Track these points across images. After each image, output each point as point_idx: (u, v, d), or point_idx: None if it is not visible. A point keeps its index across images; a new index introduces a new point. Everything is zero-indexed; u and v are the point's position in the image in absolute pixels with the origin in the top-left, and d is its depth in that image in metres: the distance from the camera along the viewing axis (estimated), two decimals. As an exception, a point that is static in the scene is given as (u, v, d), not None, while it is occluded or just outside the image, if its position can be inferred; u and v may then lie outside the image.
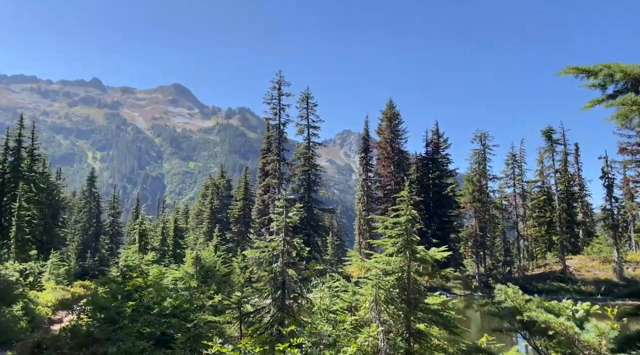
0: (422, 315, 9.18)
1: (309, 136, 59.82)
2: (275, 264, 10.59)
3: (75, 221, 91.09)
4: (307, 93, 60.41)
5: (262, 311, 10.61)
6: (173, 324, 8.76)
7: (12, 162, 42.90)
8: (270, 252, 10.73)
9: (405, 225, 9.77)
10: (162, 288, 10.05)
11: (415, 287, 9.21)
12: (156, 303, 9.15)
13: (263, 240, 11.55)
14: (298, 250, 10.59)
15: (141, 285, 9.36)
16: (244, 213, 60.26)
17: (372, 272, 9.14)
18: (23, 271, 25.80)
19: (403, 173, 58.16)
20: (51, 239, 47.08)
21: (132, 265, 12.73)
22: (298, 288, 10.68)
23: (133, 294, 9.25)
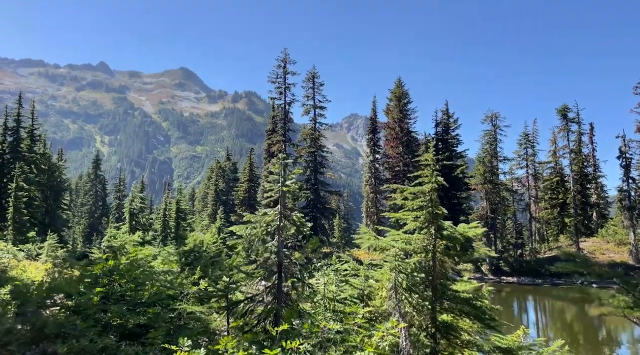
0: (450, 305, 7.75)
1: (315, 116, 58.16)
2: (269, 242, 9.06)
3: (82, 204, 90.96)
4: (313, 72, 58.56)
5: (254, 300, 8.77)
6: (150, 314, 7.55)
7: (11, 142, 41.90)
8: (264, 228, 8.98)
9: (429, 195, 8.32)
10: (145, 272, 8.81)
11: (442, 271, 7.81)
12: (131, 290, 7.94)
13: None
14: (298, 226, 9.15)
15: (112, 268, 8.12)
16: (248, 195, 59.14)
17: (391, 252, 7.68)
18: (15, 254, 24.85)
19: (412, 154, 56.46)
20: (53, 221, 46.30)
21: (116, 246, 11.47)
22: (298, 272, 8.93)
23: (102, 279, 8.03)
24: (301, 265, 8.63)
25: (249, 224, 9.09)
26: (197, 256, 13.84)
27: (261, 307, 8.24)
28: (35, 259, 29.16)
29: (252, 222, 9.11)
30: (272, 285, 8.34)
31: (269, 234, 8.85)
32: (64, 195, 54.22)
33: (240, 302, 8.42)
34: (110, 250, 10.84)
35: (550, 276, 49.79)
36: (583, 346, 25.05)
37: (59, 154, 60.68)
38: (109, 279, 8.12)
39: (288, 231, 8.82)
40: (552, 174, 62.93)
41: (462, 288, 8.00)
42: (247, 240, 8.66)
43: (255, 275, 8.55)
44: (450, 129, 61.34)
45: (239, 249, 8.29)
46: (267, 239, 8.79)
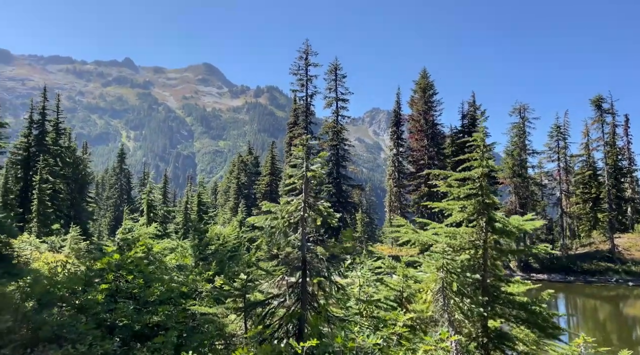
0: (503, 310, 6.70)
1: (337, 109, 57.20)
2: (292, 235, 8.15)
3: (107, 197, 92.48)
4: (335, 64, 57.54)
5: (275, 301, 7.81)
6: (160, 314, 6.85)
7: (37, 135, 42.31)
8: (286, 219, 8.08)
9: (479, 181, 7.30)
10: (156, 268, 8.09)
11: (494, 270, 6.79)
12: (140, 287, 7.25)
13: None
14: (325, 216, 8.23)
15: (119, 263, 7.43)
16: (270, 189, 58.68)
17: (437, 247, 6.67)
18: (38, 246, 24.81)
19: (437, 147, 54.93)
20: (78, 214, 46.73)
21: (131, 238, 10.82)
22: (325, 269, 7.78)
23: (107, 275, 7.35)
24: (329, 261, 7.72)
25: (269, 215, 8.26)
26: (213, 251, 12.99)
27: (283, 309, 7.39)
28: (58, 251, 29.24)
29: (272, 212, 8.27)
30: (295, 285, 7.47)
31: (291, 225, 7.98)
32: (89, 188, 54.81)
33: (259, 304, 7.52)
34: (124, 243, 10.19)
35: (582, 273, 47.83)
36: (618, 346, 23.64)
37: (84, 148, 61.43)
38: (115, 274, 7.45)
39: (313, 223, 7.97)
40: (584, 167, 60.48)
41: (516, 290, 6.93)
42: (267, 233, 7.83)
43: (276, 272, 7.64)
44: (477, 121, 59.41)
45: (259, 243, 7.54)
46: (290, 232, 7.95)
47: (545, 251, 7.20)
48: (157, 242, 12.05)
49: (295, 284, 7.48)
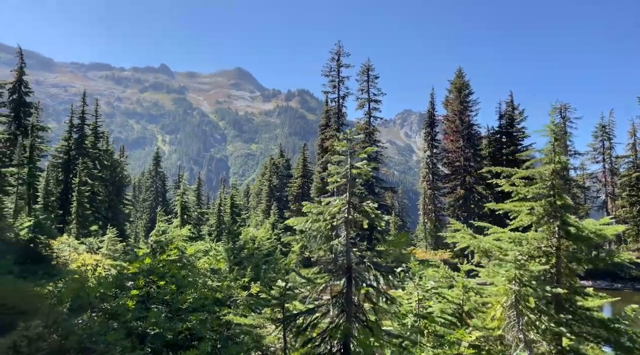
0: (580, 329, 5.87)
1: (369, 110, 56.41)
2: (336, 239, 7.45)
3: (144, 199, 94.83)
4: (367, 64, 56.80)
5: (317, 312, 7.03)
6: (193, 322, 6.45)
7: (77, 139, 43.53)
8: (328, 221, 7.46)
9: (551, 179, 6.49)
10: (188, 272, 7.70)
11: (569, 282, 5.99)
12: (172, 293, 6.86)
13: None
14: (372, 218, 7.63)
15: (151, 267, 7.07)
16: (302, 191, 58.42)
17: (509, 256, 5.87)
18: (76, 247, 25.24)
19: (473, 148, 53.26)
20: (116, 216, 47.80)
21: (164, 240, 10.52)
22: (372, 277, 7.04)
23: (138, 280, 7.00)
24: (377, 269, 7.04)
25: (309, 216, 7.73)
26: (248, 254, 12.47)
27: (325, 321, 6.78)
28: (96, 253, 29.76)
29: (313, 213, 7.73)
30: (339, 294, 6.83)
31: (334, 228, 7.41)
32: (126, 190, 56.06)
33: (299, 315, 6.84)
34: (157, 245, 9.90)
35: (631, 280, 45.11)
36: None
37: (121, 151, 62.97)
38: (146, 280, 7.10)
39: (359, 226, 7.40)
40: (631, 169, 57.29)
41: (591, 304, 6.06)
42: (307, 237, 7.28)
43: (318, 281, 7.05)
44: (515, 122, 57.27)
45: (295, 248, 7.01)
46: (332, 235, 7.38)
47: (630, 261, 6.30)
48: (190, 245, 11.75)
49: (339, 293, 6.85)
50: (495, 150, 56.33)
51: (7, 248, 21.56)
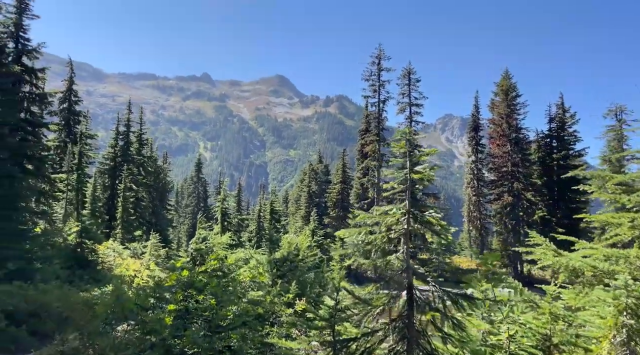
0: None
1: (410, 115, 55.07)
2: (394, 255, 6.57)
3: (186, 205, 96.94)
4: (409, 68, 55.55)
5: (373, 337, 6.10)
6: (234, 340, 5.91)
7: (122, 146, 44.74)
8: (384, 233, 6.65)
9: None
10: (229, 285, 7.16)
11: None
12: (211, 308, 6.34)
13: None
14: (436, 231, 6.83)
15: (189, 280, 6.58)
16: (341, 197, 57.67)
17: (619, 280, 4.90)
18: (120, 252, 25.58)
19: (522, 153, 50.85)
20: (159, 221, 48.70)
21: (205, 249, 10.09)
22: (437, 299, 6.08)
23: (176, 294, 6.52)
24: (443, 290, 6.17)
25: (362, 228, 6.98)
26: (291, 266, 11.67)
27: (383, 344, 5.99)
28: (139, 258, 30.19)
29: (367, 224, 7.01)
30: (398, 317, 6.07)
31: (391, 241, 6.62)
32: (169, 196, 57.22)
33: (352, 340, 6.11)
34: (197, 253, 9.48)
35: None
36: None
37: (164, 158, 64.50)
38: (184, 294, 6.62)
39: (422, 238, 6.64)
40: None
41: None
42: (360, 251, 6.51)
43: (374, 302, 6.26)
44: (566, 125, 54.33)
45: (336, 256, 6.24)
46: (389, 249, 6.58)
47: None
48: (231, 253, 11.30)
49: (398, 316, 6.07)
50: (545, 155, 53.66)
51: (56, 252, 22.07)
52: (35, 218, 23.60)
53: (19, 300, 9.93)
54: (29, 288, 11.57)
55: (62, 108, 38.94)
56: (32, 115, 25.27)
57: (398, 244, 6.89)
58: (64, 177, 28.48)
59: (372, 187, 52.84)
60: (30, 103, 25.19)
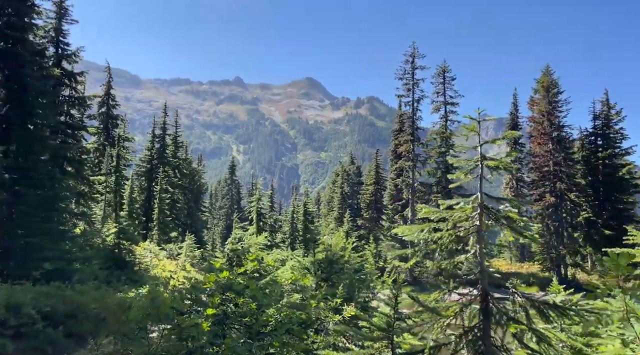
0: None
1: (446, 114, 53.67)
2: (463, 255, 5.91)
3: (220, 207, 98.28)
4: (443, 66, 54.22)
5: (439, 352, 5.37)
6: (277, 348, 5.44)
7: (159, 148, 45.51)
8: (451, 231, 5.93)
9: None
10: (270, 287, 6.69)
11: None
12: (251, 313, 5.88)
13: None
14: (516, 229, 5.54)
15: (227, 283, 6.14)
16: (375, 198, 56.82)
17: None
18: (157, 253, 25.76)
19: (564, 152, 48.62)
20: (194, 223, 49.26)
21: (241, 249, 9.71)
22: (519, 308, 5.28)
23: (214, 297, 6.09)
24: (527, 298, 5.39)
25: (425, 225, 6.33)
26: (336, 268, 10.95)
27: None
28: (175, 259, 30.42)
29: (431, 220, 6.36)
30: (469, 329, 5.39)
31: (460, 240, 5.93)
32: (203, 198, 57.90)
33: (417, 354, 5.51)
34: (234, 254, 9.10)
35: None
36: None
37: (199, 160, 65.41)
38: (222, 297, 6.18)
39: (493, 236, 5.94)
40: None
41: None
42: (422, 250, 5.86)
43: (444, 312, 5.51)
44: (611, 122, 51.64)
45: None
46: (457, 249, 5.91)
47: None
48: (267, 253, 10.89)
49: (470, 328, 5.36)
50: (589, 153, 51.17)
51: (95, 253, 22.39)
52: (75, 219, 24.06)
53: (56, 301, 9.88)
54: (66, 289, 11.57)
55: (101, 112, 39.90)
56: (72, 118, 25.86)
57: (466, 243, 6.20)
58: (102, 179, 29.03)
59: (407, 187, 51.73)
60: (70, 106, 25.79)
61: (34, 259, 14.36)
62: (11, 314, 8.16)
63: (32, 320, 8.47)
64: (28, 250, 14.55)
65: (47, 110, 19.23)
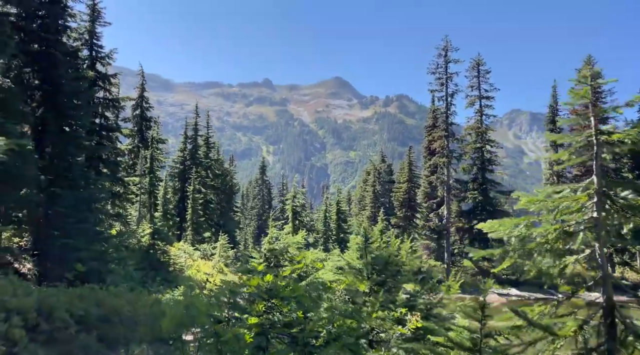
0: None
1: (481, 108, 51.86)
2: (574, 256, 4.79)
3: (251, 207, 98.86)
4: (477, 59, 52.44)
5: None
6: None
7: (191, 149, 45.79)
8: (558, 226, 4.78)
9: None
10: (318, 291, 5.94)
11: None
12: (299, 322, 5.18)
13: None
14: None
15: (272, 287, 5.44)
16: (408, 196, 55.50)
17: None
18: (191, 253, 25.61)
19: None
20: (227, 223, 49.38)
21: (279, 249, 9.11)
22: None
23: (257, 304, 5.40)
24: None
25: (521, 219, 5.26)
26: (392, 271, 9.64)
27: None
28: (209, 259, 30.31)
29: (529, 212, 5.29)
30: (588, 351, 4.35)
31: (568, 236, 4.92)
32: (235, 198, 58.08)
33: None
34: (271, 254, 8.51)
35: None
36: None
37: (230, 160, 65.75)
38: (267, 304, 5.48)
39: (614, 231, 4.88)
40: None
41: None
42: (516, 249, 4.85)
43: (560, 330, 4.31)
44: (661, 112, 48.66)
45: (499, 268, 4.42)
46: (565, 248, 4.86)
47: None
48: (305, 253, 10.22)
49: (587, 350, 4.28)
50: (637, 145, 48.36)
51: (130, 254, 22.39)
52: (111, 220, 24.15)
53: (90, 304, 9.58)
54: (100, 291, 11.30)
55: (135, 114, 40.38)
56: (106, 120, 26.03)
57: (575, 240, 5.16)
58: (137, 180, 29.20)
59: (441, 185, 50.24)
60: (104, 108, 25.96)
61: (69, 260, 14.26)
62: (43, 319, 7.86)
63: (65, 325, 8.16)
64: (63, 252, 14.46)
65: (82, 112, 19.25)
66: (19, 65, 17.92)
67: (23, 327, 6.97)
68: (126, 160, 34.23)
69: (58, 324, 8.02)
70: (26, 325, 7.18)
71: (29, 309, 7.51)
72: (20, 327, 6.82)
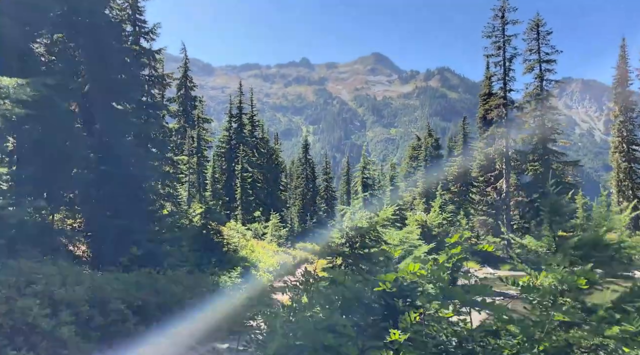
0: None
1: (541, 73, 47.87)
2: None
3: (295, 187, 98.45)
4: (537, 19, 48.17)
5: None
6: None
7: (236, 128, 44.99)
8: None
9: None
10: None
11: None
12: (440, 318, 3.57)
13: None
14: None
15: (401, 287, 3.75)
16: (463, 170, 52.66)
17: None
18: (244, 233, 24.67)
19: (693, 106, 41.39)
20: (274, 202, 48.66)
21: (365, 227, 7.57)
22: None
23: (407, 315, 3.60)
24: None
25: None
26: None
27: None
28: (261, 238, 29.43)
29: None
30: None
31: None
32: (281, 177, 57.24)
33: None
34: (357, 233, 7.01)
35: None
36: None
37: (275, 139, 64.81)
38: (409, 294, 3.87)
39: None
40: None
41: None
42: None
43: None
44: None
45: None
46: None
47: None
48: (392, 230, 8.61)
49: None
50: None
51: (184, 234, 21.66)
52: (162, 200, 23.47)
53: (148, 292, 8.52)
54: (158, 276, 10.26)
55: (180, 94, 39.82)
56: (153, 97, 25.18)
57: None
58: (185, 159, 28.49)
59: (500, 156, 47.12)
60: (150, 86, 25.09)
61: (123, 242, 13.38)
62: (96, 311, 6.78)
63: (122, 317, 7.08)
64: (117, 233, 13.61)
65: (129, 88, 18.31)
66: (63, 40, 17.07)
67: (74, 322, 5.86)
68: (174, 139, 33.70)
69: (114, 316, 6.93)
70: (77, 320, 6.08)
71: (80, 301, 6.43)
72: (69, 324, 5.72)
